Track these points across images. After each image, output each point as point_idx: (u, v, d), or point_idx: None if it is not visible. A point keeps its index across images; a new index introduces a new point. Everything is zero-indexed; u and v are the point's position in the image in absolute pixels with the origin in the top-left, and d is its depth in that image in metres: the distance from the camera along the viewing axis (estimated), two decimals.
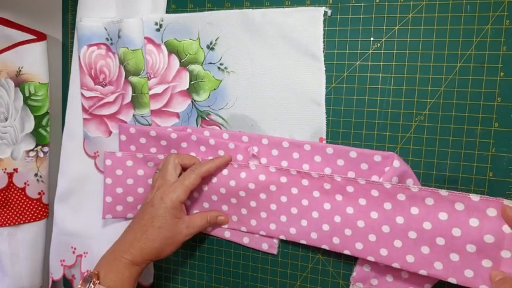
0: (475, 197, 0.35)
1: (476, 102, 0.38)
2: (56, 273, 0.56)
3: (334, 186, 0.41)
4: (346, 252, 0.40)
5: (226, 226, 0.47)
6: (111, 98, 0.51)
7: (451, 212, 0.35)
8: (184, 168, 0.46)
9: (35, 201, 0.57)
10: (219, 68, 0.46)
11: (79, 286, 0.39)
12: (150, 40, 0.48)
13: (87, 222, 0.54)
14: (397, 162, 0.39)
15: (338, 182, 0.40)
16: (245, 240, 0.48)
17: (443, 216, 0.36)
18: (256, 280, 0.48)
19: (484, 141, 0.38)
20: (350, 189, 0.40)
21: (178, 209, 0.43)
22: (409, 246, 0.37)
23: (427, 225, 0.36)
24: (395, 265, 0.38)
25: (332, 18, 0.42)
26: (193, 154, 0.47)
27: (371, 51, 0.41)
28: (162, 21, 0.48)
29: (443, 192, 0.36)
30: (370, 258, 0.39)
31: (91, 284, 0.38)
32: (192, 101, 0.48)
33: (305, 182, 0.42)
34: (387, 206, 0.38)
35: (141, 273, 0.43)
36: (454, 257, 0.36)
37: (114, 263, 0.41)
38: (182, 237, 0.43)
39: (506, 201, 0.34)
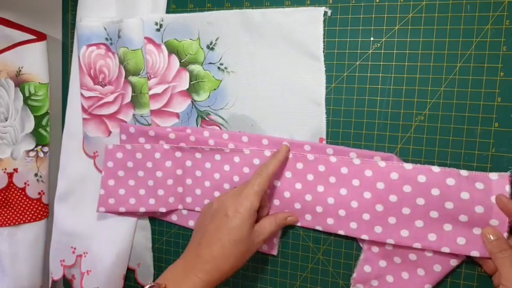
0: (464, 172, 0.36)
1: (476, 102, 0.38)
2: (56, 273, 0.56)
3: (328, 168, 0.41)
4: (341, 232, 0.41)
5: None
6: (110, 98, 0.51)
7: (443, 187, 0.36)
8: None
9: (35, 201, 0.57)
10: (219, 68, 0.46)
11: None
12: (150, 40, 0.48)
13: (87, 222, 0.54)
14: None
15: (332, 163, 0.41)
16: None
17: (435, 191, 0.37)
18: (256, 280, 0.48)
19: (484, 141, 0.38)
20: (344, 170, 0.40)
21: (253, 219, 0.39)
22: (403, 221, 0.38)
23: (420, 201, 0.37)
24: (390, 241, 0.39)
25: (332, 18, 0.42)
26: None
27: (371, 51, 0.41)
28: (162, 21, 0.48)
29: (435, 169, 0.37)
30: (364, 237, 0.40)
31: None
32: (192, 101, 0.48)
33: (300, 165, 0.42)
34: (380, 185, 0.39)
35: None
36: (447, 227, 0.37)
37: (186, 280, 0.36)
38: (255, 248, 0.39)
39: (491, 175, 0.36)
